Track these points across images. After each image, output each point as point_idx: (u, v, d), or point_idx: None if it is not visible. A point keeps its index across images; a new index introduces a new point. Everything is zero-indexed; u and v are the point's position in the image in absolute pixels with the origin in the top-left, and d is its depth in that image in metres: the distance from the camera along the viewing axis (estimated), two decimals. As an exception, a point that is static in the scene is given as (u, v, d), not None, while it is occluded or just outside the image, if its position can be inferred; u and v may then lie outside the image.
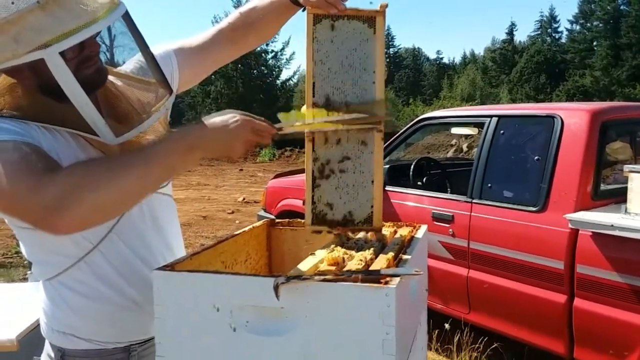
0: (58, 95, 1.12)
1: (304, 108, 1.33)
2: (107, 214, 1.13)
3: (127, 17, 1.20)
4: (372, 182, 1.35)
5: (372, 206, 1.35)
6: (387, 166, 4.71)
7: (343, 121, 1.29)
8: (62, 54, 1.07)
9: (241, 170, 17.34)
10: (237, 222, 8.95)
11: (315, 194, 1.35)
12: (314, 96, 1.32)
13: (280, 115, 1.31)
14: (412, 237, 1.43)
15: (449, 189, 4.61)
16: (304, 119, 1.30)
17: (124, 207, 1.16)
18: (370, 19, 1.33)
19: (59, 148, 1.19)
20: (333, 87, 1.33)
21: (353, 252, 1.24)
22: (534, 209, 3.22)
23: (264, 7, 1.50)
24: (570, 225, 2.94)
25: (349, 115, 1.29)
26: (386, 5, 1.33)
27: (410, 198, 4.05)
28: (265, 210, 5.40)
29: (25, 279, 5.12)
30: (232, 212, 9.93)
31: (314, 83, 1.32)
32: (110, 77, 1.29)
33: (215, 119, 1.21)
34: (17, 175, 1.05)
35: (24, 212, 1.10)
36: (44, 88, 1.15)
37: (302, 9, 1.42)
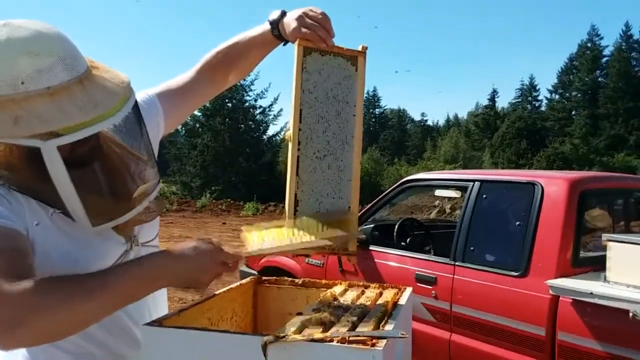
0: (46, 175, 1.08)
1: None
2: (60, 337, 1.10)
3: (134, 108, 1.18)
4: (350, 180, 1.41)
5: (349, 207, 1.40)
6: (372, 225, 4.75)
7: (312, 243, 1.29)
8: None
9: (224, 224, 17.23)
10: (218, 276, 8.80)
11: (298, 186, 1.37)
12: (300, 122, 1.37)
13: (245, 228, 1.33)
14: (397, 300, 1.45)
15: (432, 251, 4.64)
16: (268, 230, 1.32)
17: (78, 330, 1.12)
18: (353, 58, 1.44)
19: (38, 229, 1.15)
20: (318, 116, 1.40)
21: (340, 314, 1.26)
22: (516, 273, 3.26)
23: (245, 44, 1.52)
24: (551, 292, 2.98)
25: (318, 241, 1.30)
26: (366, 48, 1.45)
27: (394, 258, 4.07)
28: (247, 266, 5.37)
29: None
30: (213, 266, 9.77)
31: (301, 110, 1.38)
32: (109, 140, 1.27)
33: (183, 249, 1.19)
34: None
35: None
36: (36, 159, 1.10)
37: (283, 43, 1.49)
